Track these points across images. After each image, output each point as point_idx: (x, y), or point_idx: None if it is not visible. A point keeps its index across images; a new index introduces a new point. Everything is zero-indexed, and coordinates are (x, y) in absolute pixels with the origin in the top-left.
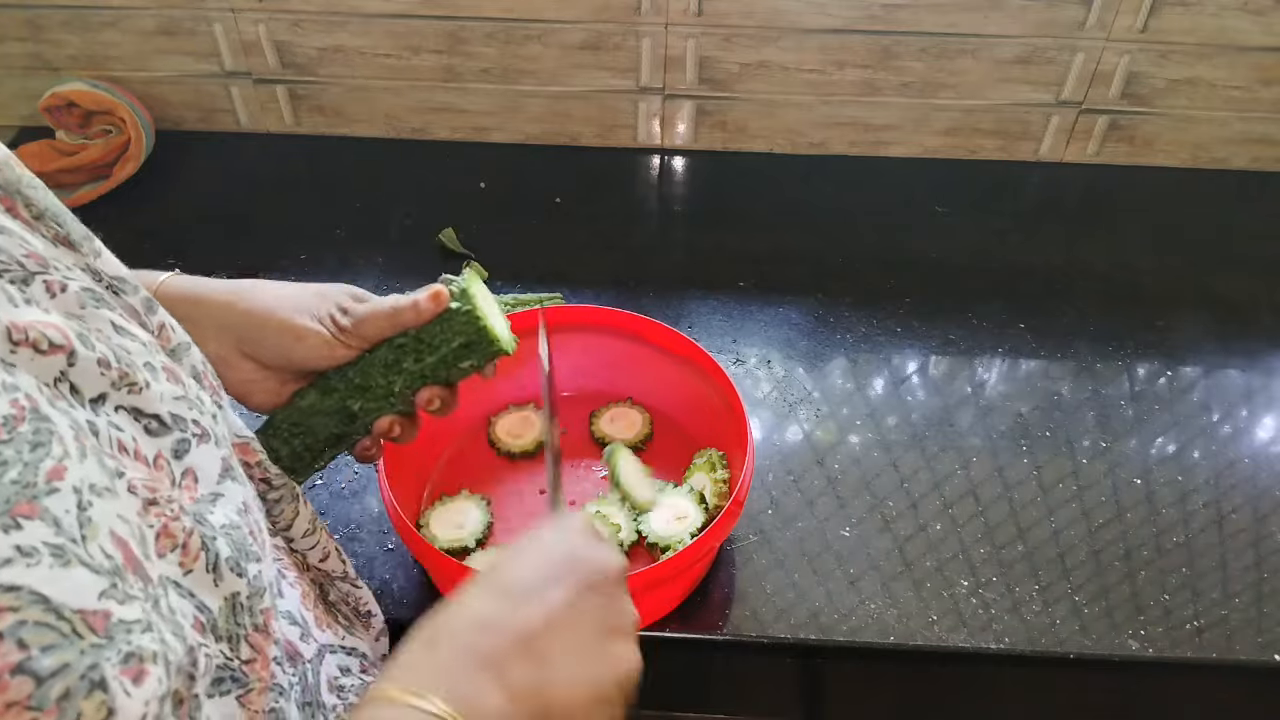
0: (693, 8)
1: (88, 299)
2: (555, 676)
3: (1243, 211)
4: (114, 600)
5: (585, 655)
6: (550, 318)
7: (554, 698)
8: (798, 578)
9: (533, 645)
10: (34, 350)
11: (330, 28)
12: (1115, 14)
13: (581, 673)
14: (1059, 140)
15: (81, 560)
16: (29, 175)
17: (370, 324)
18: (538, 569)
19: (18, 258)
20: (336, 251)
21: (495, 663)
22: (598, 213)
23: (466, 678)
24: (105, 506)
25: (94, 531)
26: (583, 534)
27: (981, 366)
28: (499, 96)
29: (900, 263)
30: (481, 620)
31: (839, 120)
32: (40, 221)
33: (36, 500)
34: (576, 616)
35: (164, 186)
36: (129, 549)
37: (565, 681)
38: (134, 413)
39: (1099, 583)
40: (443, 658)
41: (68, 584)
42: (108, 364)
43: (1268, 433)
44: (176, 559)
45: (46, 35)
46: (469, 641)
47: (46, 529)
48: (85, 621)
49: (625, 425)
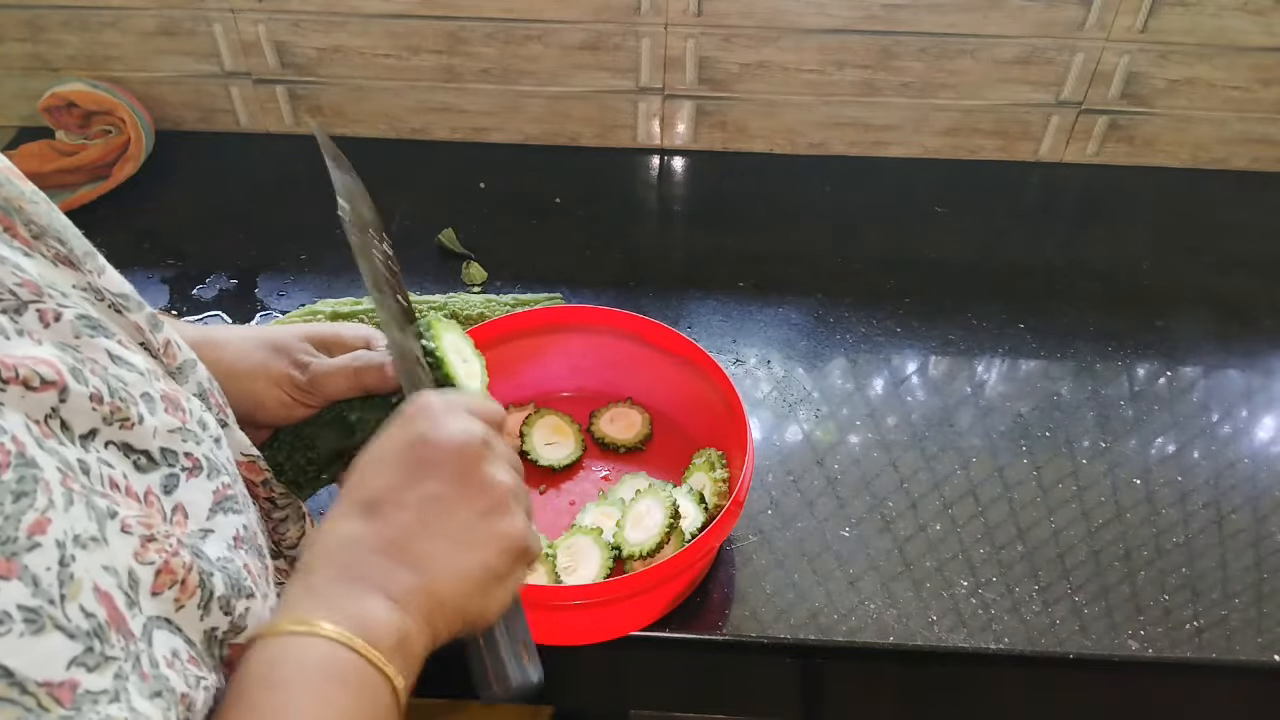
0: (692, 8)
1: (83, 328)
2: (436, 573)
3: (1243, 211)
4: (84, 668)
5: (462, 542)
6: (550, 318)
7: (441, 592)
8: (797, 578)
9: (406, 549)
10: (24, 387)
11: (330, 28)
12: (1115, 14)
13: (462, 560)
14: (1059, 140)
15: (57, 624)
16: (30, 188)
17: (331, 383)
18: (394, 469)
19: (10, 286)
20: (336, 251)
21: (372, 575)
22: (598, 213)
23: (347, 597)
24: (89, 560)
25: (75, 590)
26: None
27: (981, 366)
28: (499, 96)
29: (900, 263)
30: (349, 538)
31: (839, 120)
32: (40, 241)
33: (16, 558)
34: (442, 506)
35: (164, 186)
36: (113, 604)
37: (448, 574)
38: (124, 448)
39: (1099, 583)
40: (319, 584)
41: (37, 653)
42: (100, 398)
43: (1268, 433)
44: (173, 595)
45: (46, 35)
46: (341, 562)
47: (24, 590)
48: (51, 695)
49: (625, 425)
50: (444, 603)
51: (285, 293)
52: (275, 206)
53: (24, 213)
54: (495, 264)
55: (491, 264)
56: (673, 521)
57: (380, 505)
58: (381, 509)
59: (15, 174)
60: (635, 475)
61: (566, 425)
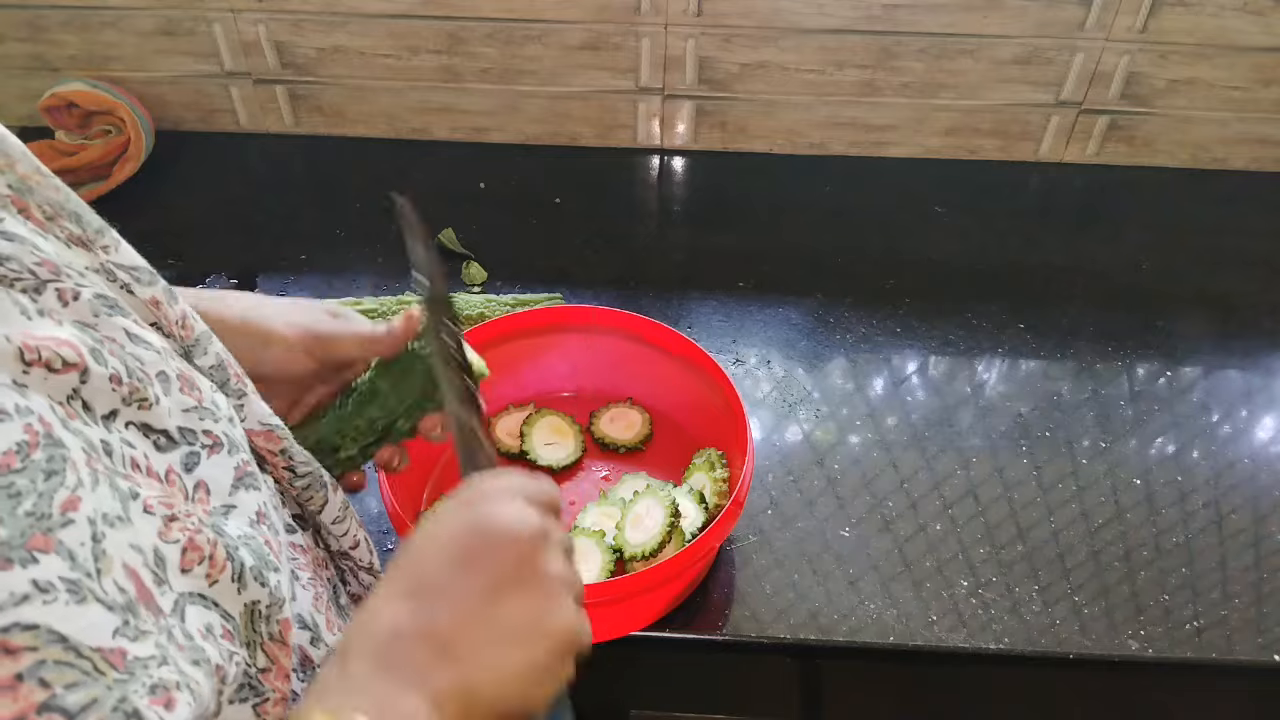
0: (692, 8)
1: (101, 307)
2: (478, 674)
3: (1242, 211)
4: (126, 638)
5: (510, 639)
6: (550, 318)
7: (483, 691)
8: (797, 578)
9: (451, 643)
10: (47, 369)
11: (330, 28)
12: (1115, 14)
13: (509, 658)
14: (1059, 140)
15: (96, 596)
16: (42, 165)
17: (340, 345)
18: (446, 556)
19: (29, 266)
20: (336, 251)
21: (412, 670)
22: (598, 213)
23: (385, 690)
24: (118, 537)
25: (108, 565)
26: (489, 497)
27: (981, 366)
28: (499, 96)
29: (900, 263)
30: (391, 628)
31: (839, 120)
32: (53, 222)
33: (51, 533)
34: (493, 600)
35: (164, 186)
36: (140, 582)
37: (491, 676)
38: (143, 428)
39: (1099, 583)
40: (358, 674)
41: (83, 621)
42: (119, 379)
43: (1268, 433)
44: (204, 571)
45: (46, 35)
46: (381, 653)
47: (62, 563)
48: (104, 659)
49: (625, 425)
50: (484, 702)
51: (285, 293)
52: (275, 206)
53: (37, 193)
54: (495, 264)
55: (491, 264)
56: (673, 521)
57: (428, 593)
58: (429, 597)
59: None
60: (635, 475)
61: (567, 425)
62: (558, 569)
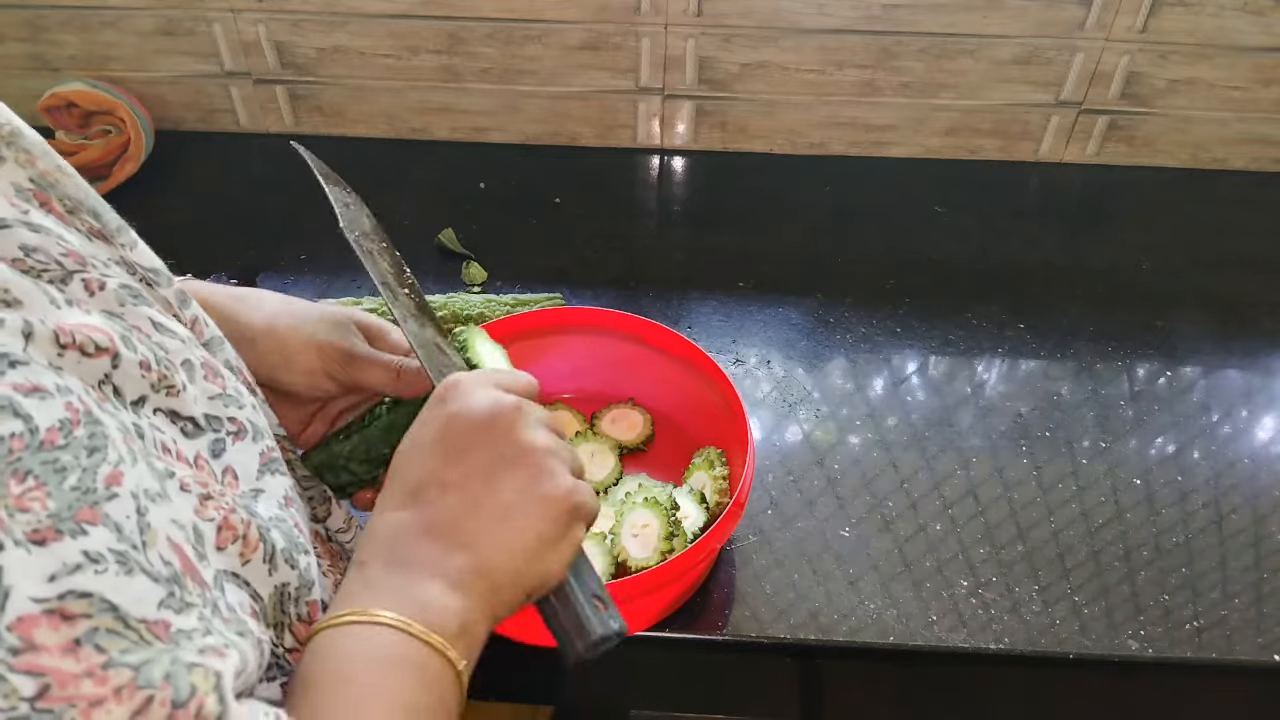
0: (692, 8)
1: (126, 296)
2: (488, 549)
3: (1242, 211)
4: (171, 610)
5: (508, 514)
6: (551, 319)
7: (496, 568)
8: (797, 578)
9: (454, 530)
10: (80, 353)
11: (330, 28)
12: (1115, 14)
13: (512, 532)
14: (1059, 140)
15: (143, 568)
16: (63, 162)
17: (371, 372)
18: (432, 451)
19: (55, 256)
20: (336, 251)
21: (425, 561)
22: (598, 213)
23: (404, 585)
24: (160, 512)
25: (153, 538)
26: (461, 391)
27: (981, 366)
28: (499, 96)
29: (900, 263)
30: (397, 526)
31: (839, 120)
32: (75, 215)
33: (98, 506)
34: (483, 480)
35: (164, 186)
36: (184, 554)
37: (500, 549)
38: (171, 415)
39: (1099, 583)
40: (374, 575)
41: (132, 592)
42: (148, 366)
43: (1268, 433)
44: (238, 550)
45: (46, 35)
46: (393, 551)
47: (110, 535)
48: (149, 629)
49: (626, 426)
50: (500, 578)
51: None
52: (275, 206)
53: (58, 187)
54: (495, 264)
55: (491, 264)
56: (671, 530)
57: (423, 490)
58: (425, 493)
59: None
60: (635, 476)
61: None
62: (543, 440)
